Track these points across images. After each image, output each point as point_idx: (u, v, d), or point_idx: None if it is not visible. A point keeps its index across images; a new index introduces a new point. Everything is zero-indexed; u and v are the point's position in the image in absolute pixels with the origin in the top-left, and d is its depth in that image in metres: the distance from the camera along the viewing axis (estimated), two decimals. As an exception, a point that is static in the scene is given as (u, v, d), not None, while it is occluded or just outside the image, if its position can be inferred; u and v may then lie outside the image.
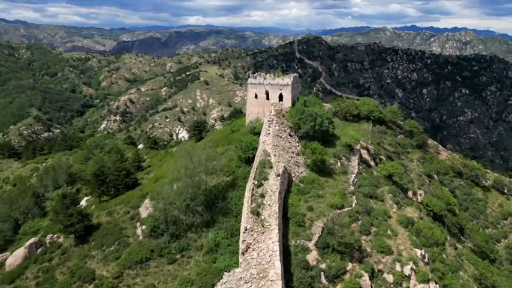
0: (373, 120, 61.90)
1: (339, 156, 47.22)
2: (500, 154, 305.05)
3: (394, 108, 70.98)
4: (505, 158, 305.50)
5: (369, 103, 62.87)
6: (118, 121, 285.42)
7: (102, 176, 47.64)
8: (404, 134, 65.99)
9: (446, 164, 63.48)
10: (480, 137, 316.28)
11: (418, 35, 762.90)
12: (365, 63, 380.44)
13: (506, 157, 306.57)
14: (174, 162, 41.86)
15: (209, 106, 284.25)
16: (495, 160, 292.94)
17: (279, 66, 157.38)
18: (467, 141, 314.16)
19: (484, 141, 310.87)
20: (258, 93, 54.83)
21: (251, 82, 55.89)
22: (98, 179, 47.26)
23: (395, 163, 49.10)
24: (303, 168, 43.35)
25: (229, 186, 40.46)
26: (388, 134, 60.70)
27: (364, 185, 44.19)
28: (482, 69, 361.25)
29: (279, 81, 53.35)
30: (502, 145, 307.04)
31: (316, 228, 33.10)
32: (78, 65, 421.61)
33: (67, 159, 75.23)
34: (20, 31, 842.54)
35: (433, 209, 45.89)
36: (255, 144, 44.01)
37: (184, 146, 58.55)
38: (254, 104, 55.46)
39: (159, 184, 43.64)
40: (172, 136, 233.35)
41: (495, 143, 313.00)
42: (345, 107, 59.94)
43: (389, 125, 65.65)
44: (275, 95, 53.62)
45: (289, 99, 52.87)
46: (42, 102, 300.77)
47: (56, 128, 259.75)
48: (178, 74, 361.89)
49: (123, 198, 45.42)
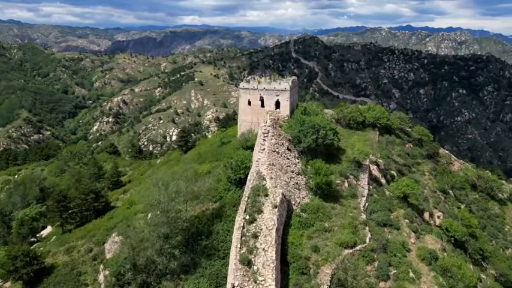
0: (380, 128, 55.85)
1: (346, 174, 41.01)
2: (498, 155, 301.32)
3: (401, 114, 64.25)
4: (503, 159, 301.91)
5: (374, 109, 56.50)
6: (111, 123, 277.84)
7: (64, 202, 40.46)
8: (413, 143, 59.78)
9: (461, 177, 57.29)
10: (478, 137, 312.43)
11: (413, 35, 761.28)
12: (361, 63, 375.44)
13: (504, 158, 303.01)
14: (146, 191, 34.71)
15: (204, 107, 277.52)
16: (493, 161, 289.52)
17: (275, 68, 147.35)
18: (465, 142, 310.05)
19: (481, 142, 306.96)
20: (252, 99, 48.07)
21: (243, 87, 48.88)
22: (60, 206, 40.11)
23: (410, 181, 42.72)
24: (305, 192, 37.03)
25: (216, 216, 33.66)
26: (396, 143, 54.67)
27: (376, 209, 38.17)
28: (479, 69, 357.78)
29: (275, 86, 46.64)
30: (499, 146, 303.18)
31: (323, 277, 26.57)
32: (71, 65, 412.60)
33: (42, 170, 68.40)
34: (13, 31, 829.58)
35: (454, 234, 40.05)
36: (247, 163, 37.93)
37: (170, 156, 51.87)
38: (247, 112, 48.72)
39: (132, 212, 36.73)
40: (165, 138, 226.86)
41: (493, 143, 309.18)
42: (349, 113, 53.53)
43: (397, 132, 59.53)
44: (271, 101, 46.81)
45: (287, 106, 45.99)
46: (33, 103, 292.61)
47: (46, 130, 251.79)
48: (172, 74, 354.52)
49: (88, 229, 38.86)
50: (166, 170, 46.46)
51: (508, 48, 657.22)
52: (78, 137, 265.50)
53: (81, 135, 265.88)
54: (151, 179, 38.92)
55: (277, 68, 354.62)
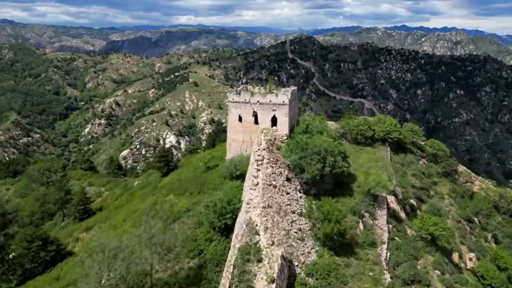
0: (390, 143, 49.21)
1: (360, 213, 34.05)
2: (496, 156, 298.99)
3: (414, 126, 57.04)
4: (502, 160, 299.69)
5: (385, 121, 49.87)
6: (103, 125, 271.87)
7: (1, 253, 32.31)
8: (427, 158, 53.70)
9: (487, 201, 50.34)
10: (476, 138, 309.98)
11: (409, 35, 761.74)
12: (358, 63, 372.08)
13: (503, 159, 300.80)
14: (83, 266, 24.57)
15: (198, 109, 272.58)
16: (491, 163, 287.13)
17: (272, 77, 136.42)
18: (463, 144, 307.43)
19: (480, 144, 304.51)
20: (243, 114, 40.59)
21: (233, 100, 41.18)
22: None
23: (438, 220, 36.40)
24: (311, 243, 29.53)
25: (191, 282, 25.33)
26: (410, 161, 48.80)
27: (400, 260, 31.78)
28: (477, 70, 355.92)
29: (271, 99, 39.27)
30: (498, 147, 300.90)
31: None
32: (63, 66, 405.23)
33: (7, 189, 61.51)
34: (6, 30, 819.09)
35: (491, 282, 34.68)
36: (235, 204, 30.77)
37: (148, 179, 45.76)
38: (238, 130, 41.15)
39: (85, 267, 25.16)
40: (159, 141, 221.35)
41: (491, 145, 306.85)
42: (356, 127, 47.12)
43: (409, 146, 53.21)
44: (266, 117, 39.59)
45: (285, 123, 38.86)
46: (23, 105, 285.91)
47: (36, 133, 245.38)
48: (167, 75, 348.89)
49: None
50: (138, 203, 40.47)
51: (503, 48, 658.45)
52: (69, 139, 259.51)
53: (72, 137, 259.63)
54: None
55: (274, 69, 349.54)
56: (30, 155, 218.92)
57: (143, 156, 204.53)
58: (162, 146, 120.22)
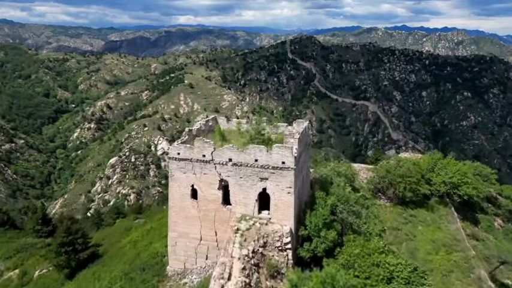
0: (453, 200, 31.95)
1: None
2: (506, 162, 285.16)
3: (485, 168, 39.51)
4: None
5: (446, 165, 31.63)
6: (93, 129, 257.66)
7: None
8: (502, 217, 36.90)
9: None
10: (485, 143, 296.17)
11: (410, 35, 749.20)
12: (361, 64, 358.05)
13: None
14: None
15: (193, 112, 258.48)
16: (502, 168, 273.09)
17: (260, 111, 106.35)
18: (472, 148, 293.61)
19: (489, 148, 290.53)
20: (200, 185, 21.60)
21: (178, 155, 22.23)
22: None
23: None
24: None
25: None
26: (481, 219, 32.10)
27: None
28: (483, 71, 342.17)
29: (258, 155, 20.12)
30: (508, 152, 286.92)
31: None
32: (55, 66, 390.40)
33: None
34: (4, 30, 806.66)
35: None
36: None
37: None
38: (188, 216, 22.29)
39: None
40: (150, 148, 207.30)
41: (501, 149, 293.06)
42: (401, 178, 28.80)
43: (476, 199, 35.21)
44: (247, 193, 20.66)
45: (288, 207, 20.11)
46: (9, 108, 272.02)
47: (20, 138, 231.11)
48: (162, 76, 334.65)
49: None
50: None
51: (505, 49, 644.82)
52: (57, 144, 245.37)
53: (60, 143, 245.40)
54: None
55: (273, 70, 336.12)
56: (13, 162, 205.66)
57: (132, 164, 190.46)
58: (45, 210, 66.30)
